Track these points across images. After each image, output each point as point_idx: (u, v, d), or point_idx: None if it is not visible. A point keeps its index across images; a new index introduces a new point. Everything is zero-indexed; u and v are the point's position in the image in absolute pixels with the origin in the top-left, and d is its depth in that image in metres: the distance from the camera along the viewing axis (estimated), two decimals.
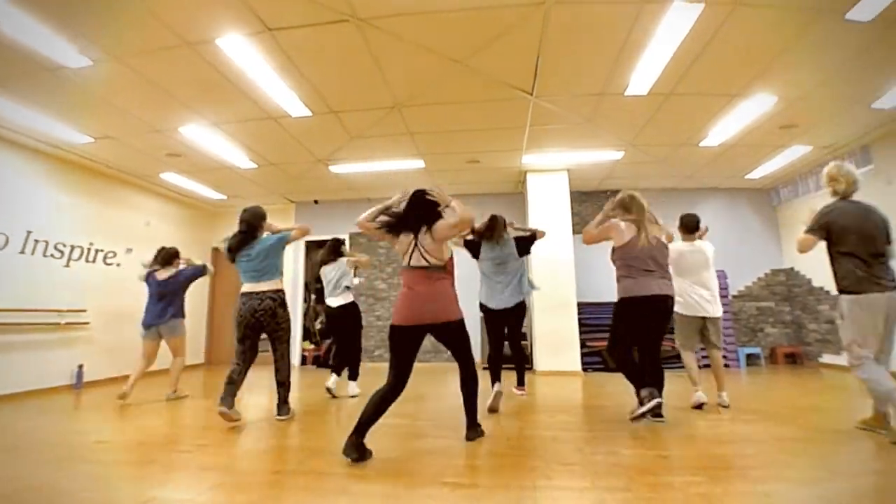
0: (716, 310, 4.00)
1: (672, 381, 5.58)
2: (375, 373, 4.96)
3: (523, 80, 4.50)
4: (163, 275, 5.02)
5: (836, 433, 3.12)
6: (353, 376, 5.00)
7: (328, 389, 4.83)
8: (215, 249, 8.81)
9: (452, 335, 3.04)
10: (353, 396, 4.77)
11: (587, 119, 5.37)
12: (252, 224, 3.93)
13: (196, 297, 7.60)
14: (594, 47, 3.99)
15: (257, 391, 5.38)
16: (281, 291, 3.90)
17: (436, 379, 6.11)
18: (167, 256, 5.15)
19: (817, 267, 7.12)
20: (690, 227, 4.14)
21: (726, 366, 6.90)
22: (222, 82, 4.33)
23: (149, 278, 5.02)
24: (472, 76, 4.39)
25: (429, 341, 5.25)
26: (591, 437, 3.12)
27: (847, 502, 1.98)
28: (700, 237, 4.18)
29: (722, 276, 7.02)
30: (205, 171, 6.78)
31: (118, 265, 6.79)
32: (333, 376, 4.95)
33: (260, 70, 4.14)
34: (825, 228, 3.09)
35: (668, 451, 2.78)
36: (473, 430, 3.07)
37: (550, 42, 3.89)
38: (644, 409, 3.21)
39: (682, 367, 4.14)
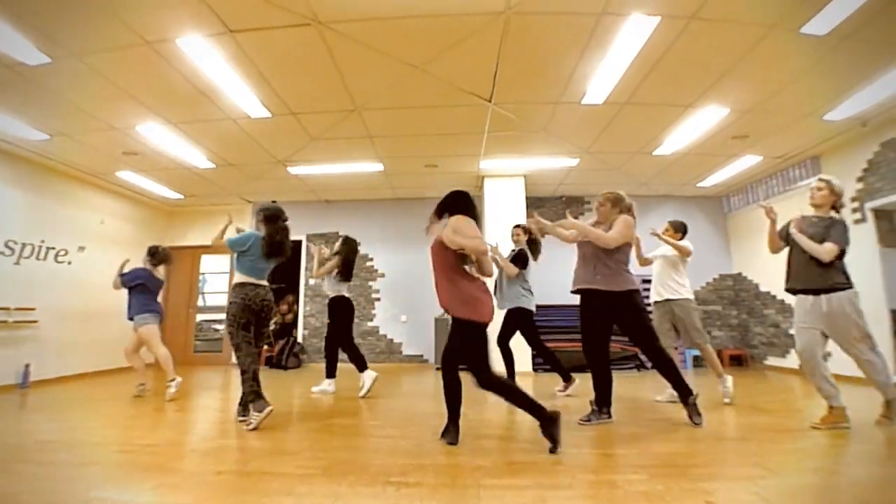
0: None
1: (618, 380, 5.79)
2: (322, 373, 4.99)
3: (482, 86, 4.57)
4: (159, 273, 5.24)
5: (777, 432, 3.25)
6: (362, 367, 4.94)
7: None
8: (171, 248, 8.69)
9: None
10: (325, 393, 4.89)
11: (544, 127, 5.49)
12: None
13: None
14: (552, 56, 4.09)
15: (210, 391, 5.28)
16: None
17: (388, 380, 6.10)
18: (167, 256, 5.34)
19: (764, 273, 7.48)
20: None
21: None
22: (181, 82, 4.27)
23: (151, 277, 5.10)
24: (431, 81, 4.44)
25: (383, 343, 5.34)
26: (538, 437, 3.17)
27: (781, 499, 2.06)
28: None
29: None
30: (162, 170, 6.63)
31: (69, 263, 6.60)
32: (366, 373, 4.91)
33: (220, 71, 4.11)
34: None
35: (612, 450, 2.86)
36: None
37: (509, 50, 3.97)
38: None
39: (630, 367, 4.31)
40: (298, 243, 8.46)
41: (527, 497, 2.11)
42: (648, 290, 4.76)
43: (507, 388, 2.92)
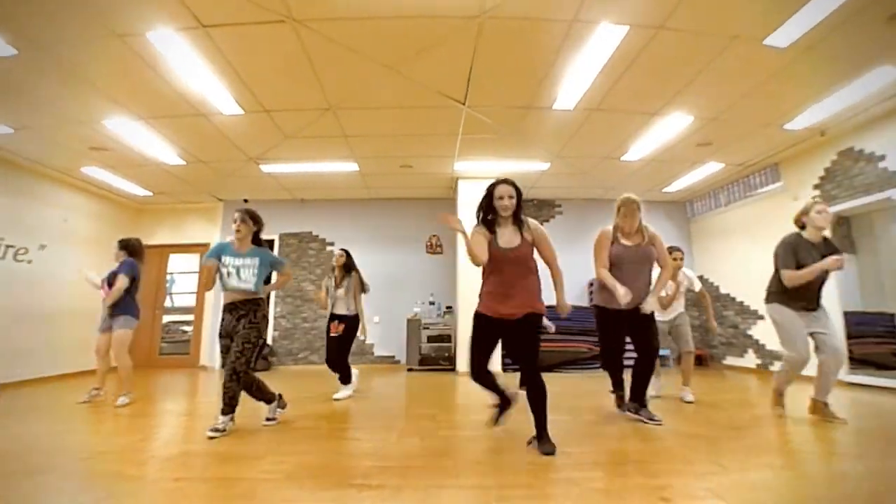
0: None
1: (584, 380, 5.91)
2: (302, 375, 4.90)
3: (456, 89, 4.61)
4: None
5: (732, 429, 3.36)
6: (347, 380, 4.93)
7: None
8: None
9: None
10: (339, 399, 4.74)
11: (516, 130, 5.56)
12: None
13: None
14: (525, 61, 4.15)
15: (175, 394, 5.18)
16: None
17: (358, 381, 6.09)
18: (141, 249, 4.98)
19: (724, 276, 7.78)
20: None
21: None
22: (152, 77, 4.19)
23: (137, 271, 4.77)
24: (406, 83, 4.46)
25: (355, 344, 5.32)
26: (502, 436, 3.21)
27: (733, 494, 2.14)
28: None
29: None
30: (130, 166, 6.48)
31: (29, 262, 6.36)
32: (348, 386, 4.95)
33: (192, 66, 4.05)
34: None
35: (572, 448, 2.90)
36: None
37: (483, 54, 4.02)
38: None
39: (596, 366, 4.43)
40: (271, 242, 8.38)
41: (489, 496, 2.15)
42: None
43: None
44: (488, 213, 2.99)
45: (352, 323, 4.90)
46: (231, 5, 3.34)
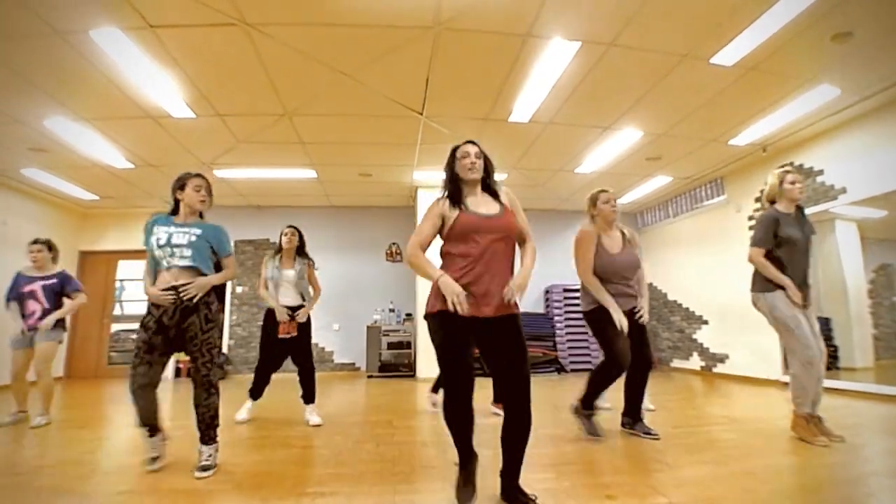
0: None
1: (538, 384, 6.02)
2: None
3: (413, 99, 4.65)
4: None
5: (675, 429, 3.51)
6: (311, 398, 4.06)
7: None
8: (83, 253, 8.13)
9: None
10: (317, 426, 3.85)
11: (474, 141, 5.59)
12: None
13: None
14: (482, 74, 4.23)
15: (120, 405, 4.95)
16: None
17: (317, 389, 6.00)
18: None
19: (671, 283, 8.18)
20: None
21: (589, 369, 7.49)
22: (96, 76, 4.02)
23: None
24: (363, 91, 4.46)
25: (315, 351, 5.16)
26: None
27: (671, 490, 2.25)
28: None
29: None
30: (74, 168, 6.18)
31: None
32: (249, 402, 4.02)
33: (138, 67, 3.90)
34: None
35: (527, 450, 2.97)
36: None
37: (439, 65, 4.07)
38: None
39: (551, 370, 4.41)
40: None
41: (440, 500, 2.18)
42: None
43: None
44: (454, 182, 2.30)
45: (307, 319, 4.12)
46: (179, 6, 3.25)
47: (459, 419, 2.15)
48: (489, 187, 2.36)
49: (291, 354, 4.02)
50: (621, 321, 3.03)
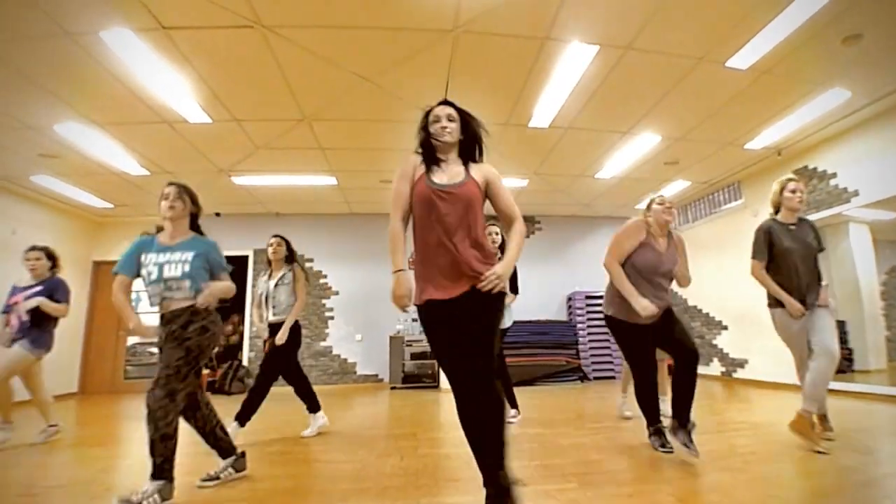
0: None
1: (566, 393, 5.91)
2: (278, 397, 4.47)
3: (433, 103, 4.57)
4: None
5: (698, 436, 3.38)
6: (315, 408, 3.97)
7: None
8: (97, 263, 8.04)
9: None
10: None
11: (494, 147, 5.52)
12: None
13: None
14: (501, 78, 4.19)
15: (138, 421, 4.89)
16: None
17: (339, 402, 5.94)
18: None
19: (691, 289, 7.98)
20: None
21: (612, 377, 7.46)
22: (108, 80, 3.97)
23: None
24: (383, 95, 4.41)
25: (337, 363, 5.10)
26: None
27: (694, 498, 2.22)
28: None
29: None
30: (87, 175, 6.13)
31: None
32: (235, 424, 3.57)
33: (152, 70, 3.85)
34: None
35: (549, 460, 2.92)
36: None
37: (459, 69, 4.03)
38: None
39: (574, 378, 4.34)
40: (245, 259, 8.08)
41: None
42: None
43: None
44: (427, 147, 2.13)
45: (293, 328, 3.84)
46: (193, 7, 3.20)
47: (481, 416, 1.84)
48: (469, 156, 2.13)
49: (285, 365, 3.86)
50: (644, 305, 2.78)
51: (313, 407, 3.93)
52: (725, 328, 7.20)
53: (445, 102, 2.14)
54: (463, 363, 1.83)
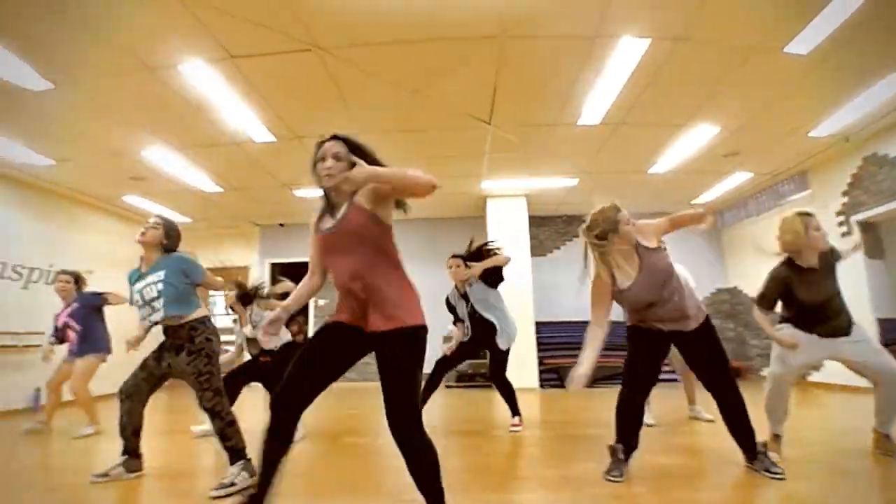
0: None
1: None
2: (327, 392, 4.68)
3: (481, 109, 4.69)
4: None
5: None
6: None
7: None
8: None
9: None
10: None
11: (543, 147, 5.60)
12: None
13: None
14: (549, 79, 4.22)
15: (181, 414, 5.23)
16: None
17: None
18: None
19: (756, 286, 7.62)
20: None
21: (675, 380, 7.19)
22: (184, 107, 4.38)
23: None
24: (431, 105, 4.56)
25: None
26: (544, 452, 3.21)
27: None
28: None
29: None
30: (169, 194, 6.74)
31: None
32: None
33: (223, 96, 4.22)
34: None
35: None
36: None
37: (506, 73, 4.09)
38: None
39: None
40: (306, 265, 8.47)
41: None
42: None
43: None
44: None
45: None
46: (258, 36, 3.47)
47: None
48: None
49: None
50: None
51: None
52: None
53: (333, 138, 1.85)
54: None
